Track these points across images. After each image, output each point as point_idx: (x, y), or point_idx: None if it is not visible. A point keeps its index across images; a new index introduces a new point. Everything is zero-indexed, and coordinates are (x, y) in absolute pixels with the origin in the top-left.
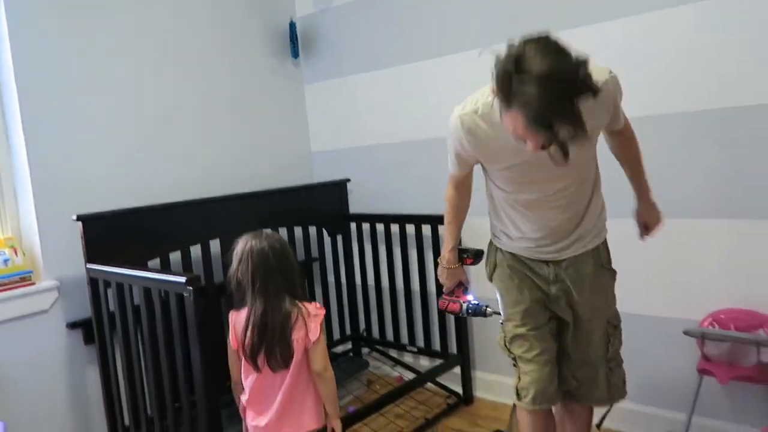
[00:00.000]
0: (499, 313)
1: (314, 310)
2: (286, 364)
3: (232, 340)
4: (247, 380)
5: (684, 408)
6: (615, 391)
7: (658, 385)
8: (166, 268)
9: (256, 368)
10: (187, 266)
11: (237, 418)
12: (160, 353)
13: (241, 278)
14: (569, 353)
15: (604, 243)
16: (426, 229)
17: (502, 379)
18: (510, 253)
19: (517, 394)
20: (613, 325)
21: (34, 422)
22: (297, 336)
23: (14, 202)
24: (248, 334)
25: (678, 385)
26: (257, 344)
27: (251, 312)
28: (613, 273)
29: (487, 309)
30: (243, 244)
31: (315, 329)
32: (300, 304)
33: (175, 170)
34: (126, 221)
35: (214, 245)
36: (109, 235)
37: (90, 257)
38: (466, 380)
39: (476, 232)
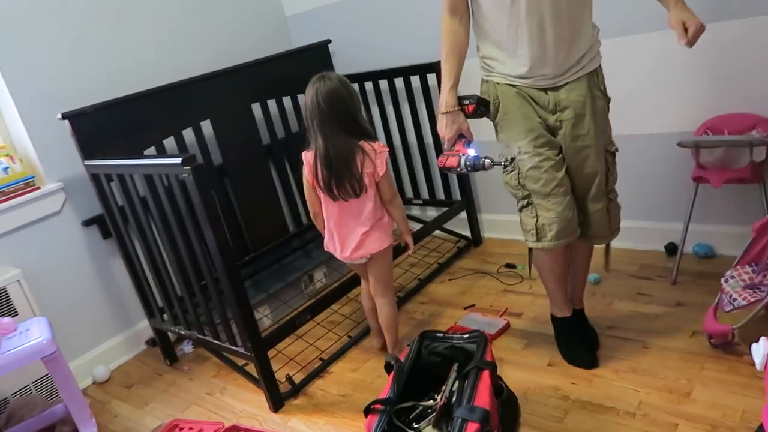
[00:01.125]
0: (500, 164)
1: (379, 147)
2: (355, 194)
3: (309, 175)
4: (328, 211)
5: (681, 218)
6: (615, 223)
7: (658, 200)
8: (162, 155)
9: (333, 197)
10: (182, 150)
11: (261, 287)
12: (176, 237)
13: (306, 122)
14: (575, 185)
15: (600, 68)
16: (415, 80)
17: (507, 218)
18: (507, 84)
19: (536, 234)
20: (611, 153)
21: (73, 316)
22: (367, 171)
23: None
24: (318, 167)
25: (676, 197)
26: (326, 176)
27: (316, 149)
28: (608, 99)
29: (486, 161)
30: (306, 92)
31: (381, 165)
32: (361, 143)
33: (147, 56)
34: (112, 114)
35: (206, 127)
36: (99, 129)
37: (86, 154)
38: (473, 223)
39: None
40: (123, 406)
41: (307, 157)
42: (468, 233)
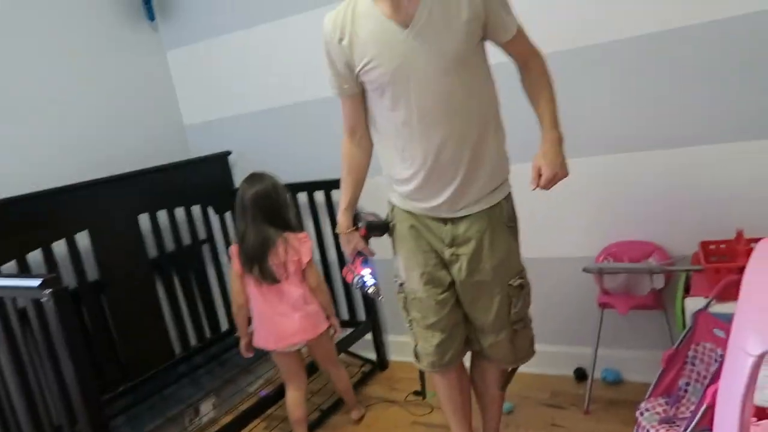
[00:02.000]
0: (380, 297)
1: (303, 237)
2: (277, 279)
3: (236, 264)
4: (258, 300)
5: (589, 342)
6: (521, 352)
7: (565, 324)
8: (25, 272)
9: (258, 279)
10: (52, 266)
11: (138, 423)
12: (27, 374)
13: (236, 216)
14: (471, 318)
15: (508, 198)
16: (319, 195)
17: None
18: (406, 211)
19: (416, 356)
20: (516, 287)
21: None
22: (292, 258)
23: None
24: (243, 254)
25: (583, 321)
26: (249, 261)
27: (241, 240)
28: (516, 229)
29: (371, 289)
30: (239, 190)
31: (307, 251)
32: (286, 234)
33: (23, 158)
34: None
35: (82, 238)
36: None
37: None
38: (379, 346)
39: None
40: None
41: (234, 249)
42: (374, 356)
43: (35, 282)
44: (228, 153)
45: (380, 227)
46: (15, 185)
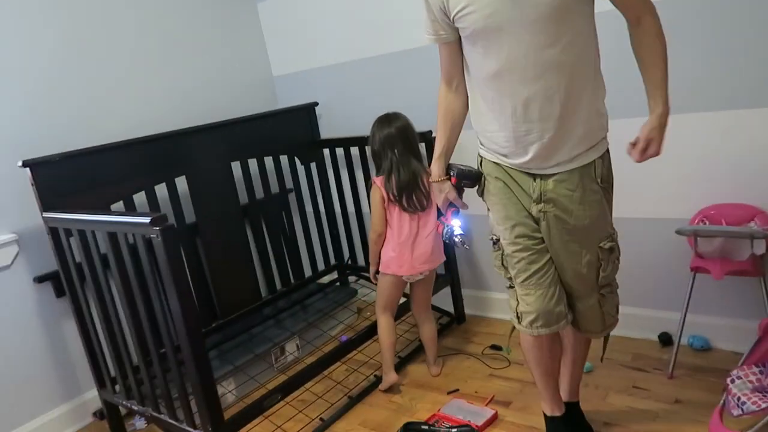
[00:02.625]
0: (467, 247)
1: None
2: (423, 207)
3: (383, 194)
4: (399, 226)
5: (676, 307)
6: (608, 319)
7: (652, 287)
8: (131, 210)
9: (404, 208)
10: (153, 207)
11: (227, 358)
12: (136, 300)
13: (378, 151)
14: (561, 279)
15: (604, 156)
16: None
17: (492, 296)
18: (494, 163)
19: (517, 317)
20: (606, 249)
21: (14, 381)
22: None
23: None
24: (393, 184)
25: (672, 286)
26: (398, 191)
27: (390, 171)
28: (610, 191)
29: (457, 238)
30: (379, 127)
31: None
32: (425, 167)
33: (127, 108)
34: (79, 164)
35: (181, 183)
36: (64, 180)
37: (46, 205)
38: (457, 300)
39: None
40: None
41: (379, 180)
42: (451, 309)
43: (146, 219)
44: (315, 104)
45: (472, 176)
46: (116, 135)
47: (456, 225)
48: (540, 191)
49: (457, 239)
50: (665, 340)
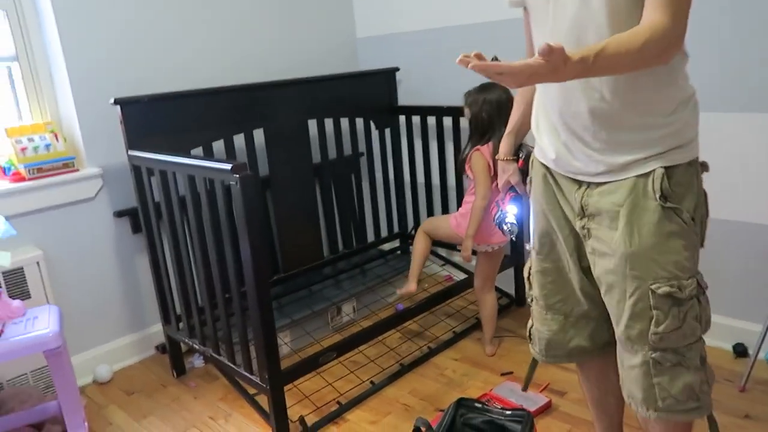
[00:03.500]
0: (515, 239)
1: None
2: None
3: (489, 163)
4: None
5: (756, 317)
6: (662, 396)
7: (730, 294)
8: (209, 157)
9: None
10: (230, 156)
11: (285, 311)
12: (208, 244)
13: (483, 118)
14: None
15: (677, 169)
16: None
17: None
18: (542, 163)
19: (529, 337)
20: (661, 295)
21: (87, 308)
22: None
23: (51, 86)
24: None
25: (755, 295)
26: None
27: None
28: (683, 215)
29: (506, 225)
30: (486, 94)
31: None
32: None
33: (213, 56)
34: (166, 107)
35: (258, 135)
36: (150, 121)
37: (131, 144)
38: (519, 282)
39: None
40: (119, 414)
41: (485, 149)
42: (512, 291)
43: (227, 166)
44: (396, 69)
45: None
46: (201, 83)
47: (511, 212)
48: (581, 203)
49: (506, 227)
50: (740, 351)
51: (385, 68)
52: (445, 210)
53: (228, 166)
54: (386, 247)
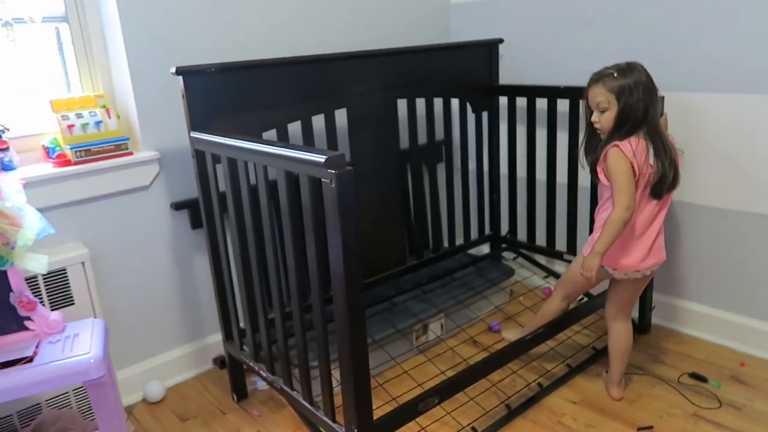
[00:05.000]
0: None
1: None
2: (671, 188)
3: (635, 166)
4: (644, 210)
5: None
6: None
7: None
8: (284, 141)
9: (658, 195)
10: (308, 140)
11: (384, 321)
12: (287, 245)
13: (634, 106)
14: None
15: None
16: None
17: (686, 305)
18: None
19: None
20: None
21: (137, 315)
22: None
23: (104, 52)
24: (657, 163)
25: None
26: (661, 169)
27: (654, 141)
28: None
29: None
30: (632, 74)
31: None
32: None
33: (289, 25)
34: (237, 80)
35: (340, 116)
36: (216, 96)
37: (194, 124)
38: (646, 304)
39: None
40: None
41: (626, 145)
42: (636, 315)
43: (320, 158)
44: (499, 41)
45: None
46: (277, 53)
47: None
48: None
49: None
50: None
51: (485, 40)
52: (551, 214)
53: (321, 158)
54: (472, 251)
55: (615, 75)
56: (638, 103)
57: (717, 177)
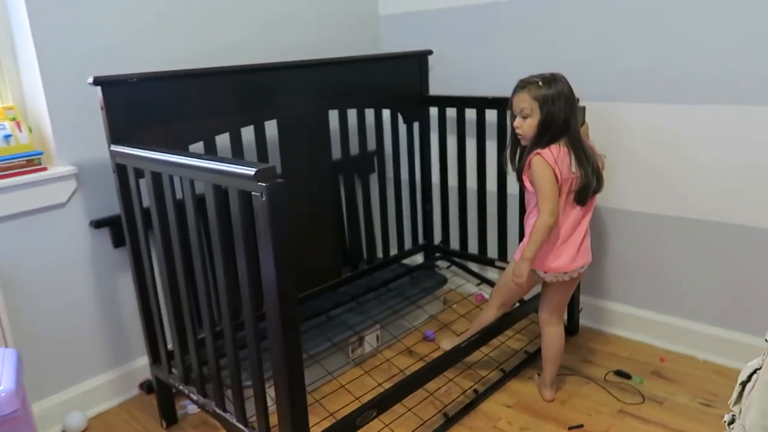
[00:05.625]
0: None
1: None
2: (593, 196)
3: (557, 174)
4: (568, 216)
5: None
6: None
7: None
8: (212, 153)
9: (582, 200)
10: (237, 153)
11: (320, 335)
12: (216, 261)
13: (560, 118)
14: None
15: None
16: None
17: (610, 306)
18: None
19: None
20: None
21: (55, 341)
22: None
23: (13, 59)
24: (580, 171)
25: None
26: (584, 175)
27: (571, 145)
28: None
29: None
30: (555, 84)
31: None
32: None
33: (215, 34)
34: (160, 90)
35: (270, 128)
36: (139, 108)
37: (115, 137)
38: (575, 306)
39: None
40: None
41: (548, 153)
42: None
43: (249, 171)
44: (428, 52)
45: None
46: (195, 63)
47: None
48: None
49: None
50: None
51: (415, 51)
52: (482, 222)
53: (251, 171)
54: (407, 261)
55: (540, 84)
56: (559, 113)
57: (637, 183)
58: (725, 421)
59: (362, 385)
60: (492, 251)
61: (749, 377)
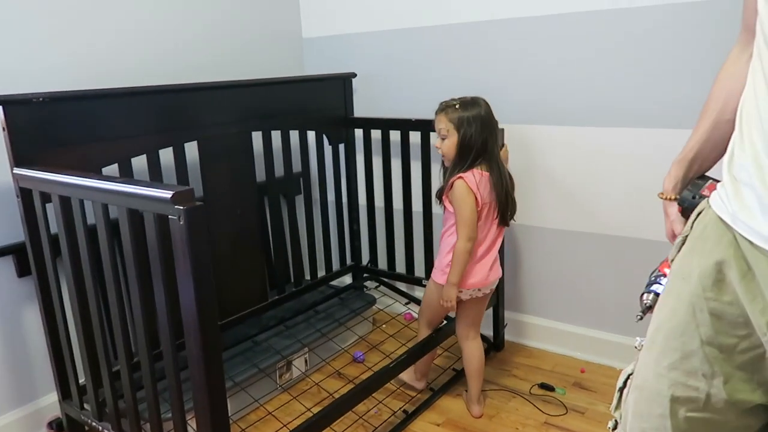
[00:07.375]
0: (639, 317)
1: None
2: (512, 217)
3: (477, 197)
4: (486, 236)
5: None
6: None
7: None
8: (127, 176)
9: (504, 222)
10: (155, 176)
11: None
12: (131, 289)
13: (477, 140)
14: None
15: None
16: None
17: (530, 320)
18: (723, 222)
19: None
20: None
21: None
22: None
23: None
24: (495, 193)
25: None
26: (503, 198)
27: (491, 169)
28: None
29: (648, 295)
30: (471, 108)
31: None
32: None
33: (133, 53)
34: (70, 111)
35: (190, 149)
36: (46, 129)
37: (19, 159)
38: (499, 322)
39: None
40: None
41: (470, 176)
42: (490, 333)
43: (166, 194)
44: (352, 75)
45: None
46: (114, 83)
47: (663, 280)
48: None
49: (646, 298)
50: None
51: (339, 74)
52: (409, 241)
53: (167, 194)
54: (335, 282)
55: (457, 107)
56: (477, 135)
57: (553, 201)
58: (609, 427)
59: (291, 410)
60: (419, 270)
61: (624, 383)
